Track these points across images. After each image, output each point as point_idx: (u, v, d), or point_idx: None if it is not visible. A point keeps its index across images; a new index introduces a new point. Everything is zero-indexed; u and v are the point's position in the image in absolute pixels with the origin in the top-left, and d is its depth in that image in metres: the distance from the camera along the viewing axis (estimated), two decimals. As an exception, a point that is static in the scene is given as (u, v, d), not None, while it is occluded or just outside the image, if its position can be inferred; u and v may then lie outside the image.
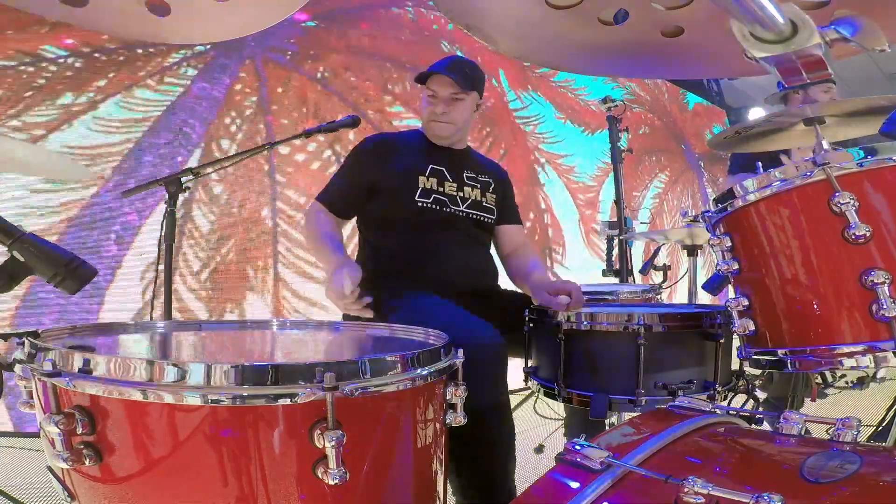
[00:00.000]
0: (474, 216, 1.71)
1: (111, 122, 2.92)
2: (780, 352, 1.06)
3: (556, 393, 1.33)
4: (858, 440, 0.67)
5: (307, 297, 3.33)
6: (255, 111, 3.30)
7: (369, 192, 1.67)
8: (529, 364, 1.49)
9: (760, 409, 2.24)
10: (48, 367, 0.70)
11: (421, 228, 1.63)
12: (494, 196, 1.79)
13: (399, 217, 1.63)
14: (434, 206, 1.64)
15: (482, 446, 1.24)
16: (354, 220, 1.77)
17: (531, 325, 1.44)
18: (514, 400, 1.63)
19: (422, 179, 1.65)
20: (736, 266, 1.12)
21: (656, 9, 0.79)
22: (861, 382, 3.13)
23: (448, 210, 1.66)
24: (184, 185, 1.81)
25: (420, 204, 1.63)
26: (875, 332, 0.94)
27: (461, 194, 1.70)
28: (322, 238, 1.61)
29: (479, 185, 1.75)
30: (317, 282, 3.31)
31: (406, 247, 1.62)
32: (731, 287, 1.20)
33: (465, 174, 1.74)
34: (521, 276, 1.76)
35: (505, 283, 1.82)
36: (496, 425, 1.28)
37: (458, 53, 4.02)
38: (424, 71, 1.66)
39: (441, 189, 1.66)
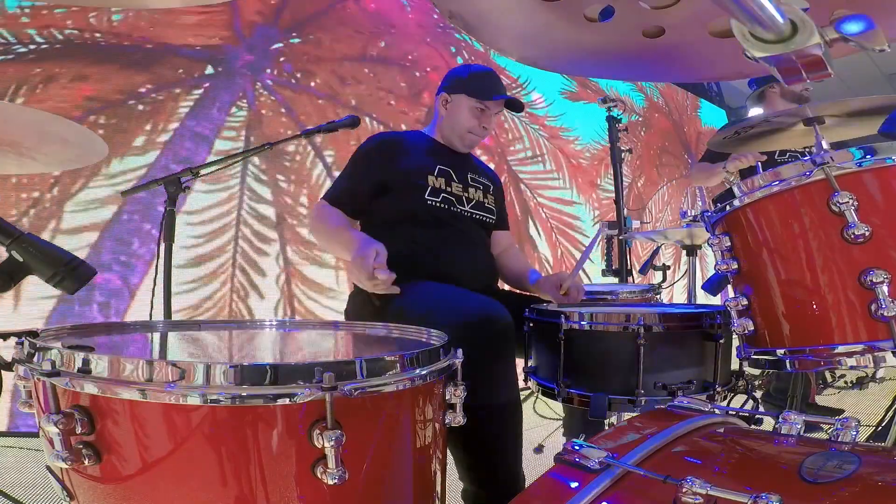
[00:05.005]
0: (478, 216, 1.74)
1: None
2: (780, 351, 1.06)
3: (556, 393, 1.33)
4: (857, 440, 0.67)
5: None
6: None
7: (378, 190, 1.65)
8: (529, 364, 1.49)
9: (760, 408, 2.24)
10: (47, 366, 0.70)
11: (429, 227, 1.64)
12: (493, 198, 1.82)
13: (408, 215, 1.64)
14: (442, 206, 1.66)
15: (496, 424, 1.24)
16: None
17: (531, 325, 1.44)
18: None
19: (431, 179, 1.67)
20: (735, 266, 1.12)
21: (642, 8, 0.78)
22: (860, 382, 3.14)
23: (455, 209, 1.68)
24: (183, 185, 1.81)
25: (429, 202, 1.64)
26: (874, 331, 0.94)
27: (466, 195, 1.72)
28: (337, 227, 1.58)
29: (481, 187, 1.78)
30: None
31: (413, 245, 1.62)
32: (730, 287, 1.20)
33: (469, 175, 1.77)
34: (515, 277, 1.82)
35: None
36: (508, 410, 1.28)
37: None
38: (488, 90, 1.71)
39: (448, 189, 1.69)
